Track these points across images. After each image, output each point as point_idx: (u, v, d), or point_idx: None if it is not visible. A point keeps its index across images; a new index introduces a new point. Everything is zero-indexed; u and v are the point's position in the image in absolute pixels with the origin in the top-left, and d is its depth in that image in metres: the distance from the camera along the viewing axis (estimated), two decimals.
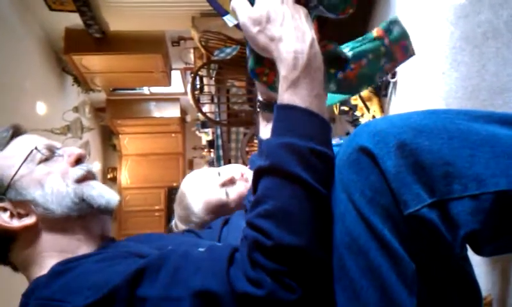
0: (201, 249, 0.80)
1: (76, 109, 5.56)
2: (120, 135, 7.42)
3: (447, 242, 0.61)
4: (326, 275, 0.64)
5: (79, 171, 0.90)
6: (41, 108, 4.75)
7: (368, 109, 2.35)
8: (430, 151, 0.62)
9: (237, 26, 0.80)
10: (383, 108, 2.34)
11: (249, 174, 1.36)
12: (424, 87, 1.80)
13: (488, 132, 0.65)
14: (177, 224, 1.38)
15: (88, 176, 0.92)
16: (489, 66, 1.27)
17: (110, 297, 0.65)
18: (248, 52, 0.82)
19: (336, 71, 0.85)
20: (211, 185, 1.32)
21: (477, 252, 0.67)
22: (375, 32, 0.87)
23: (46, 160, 0.90)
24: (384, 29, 0.87)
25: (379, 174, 0.62)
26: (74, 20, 4.44)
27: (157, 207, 7.34)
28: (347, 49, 0.86)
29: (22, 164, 0.87)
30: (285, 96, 0.70)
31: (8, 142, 0.92)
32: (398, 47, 0.87)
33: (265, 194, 0.66)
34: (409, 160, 0.61)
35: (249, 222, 0.66)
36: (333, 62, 0.83)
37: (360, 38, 0.87)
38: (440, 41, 1.61)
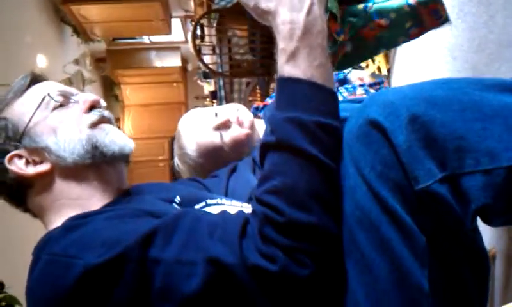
0: (212, 210, 0.80)
1: (77, 61, 5.49)
2: (122, 85, 7.35)
3: (457, 216, 0.61)
4: (336, 249, 0.64)
5: (93, 116, 0.89)
6: (41, 61, 4.68)
7: (373, 60, 2.32)
8: (442, 124, 0.61)
9: None
10: (388, 59, 2.31)
11: (245, 117, 1.31)
12: (429, 38, 1.77)
13: (501, 102, 0.63)
14: (178, 163, 1.36)
15: (103, 121, 0.91)
16: (497, 19, 1.24)
17: (122, 256, 0.65)
18: None
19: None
20: (205, 127, 1.28)
21: (487, 223, 0.67)
22: None
23: (61, 106, 0.89)
24: None
25: (390, 148, 0.61)
26: None
27: (160, 157, 7.36)
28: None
29: (35, 111, 0.87)
30: (286, 69, 0.69)
31: (25, 90, 0.92)
32: (427, 11, 0.80)
33: (273, 170, 0.66)
34: (420, 134, 0.61)
35: (257, 198, 0.66)
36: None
37: None
38: None
